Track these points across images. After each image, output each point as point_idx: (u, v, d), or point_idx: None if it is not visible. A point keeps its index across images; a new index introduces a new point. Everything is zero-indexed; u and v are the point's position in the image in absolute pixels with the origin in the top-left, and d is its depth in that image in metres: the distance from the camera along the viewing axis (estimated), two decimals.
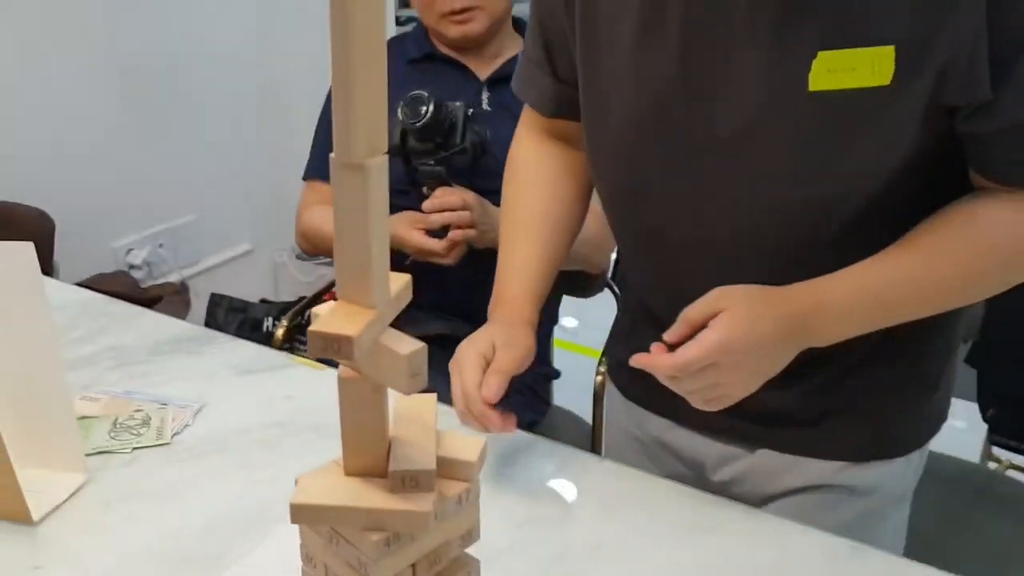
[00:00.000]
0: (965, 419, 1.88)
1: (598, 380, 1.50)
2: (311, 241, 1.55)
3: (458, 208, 1.30)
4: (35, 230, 1.76)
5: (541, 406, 1.53)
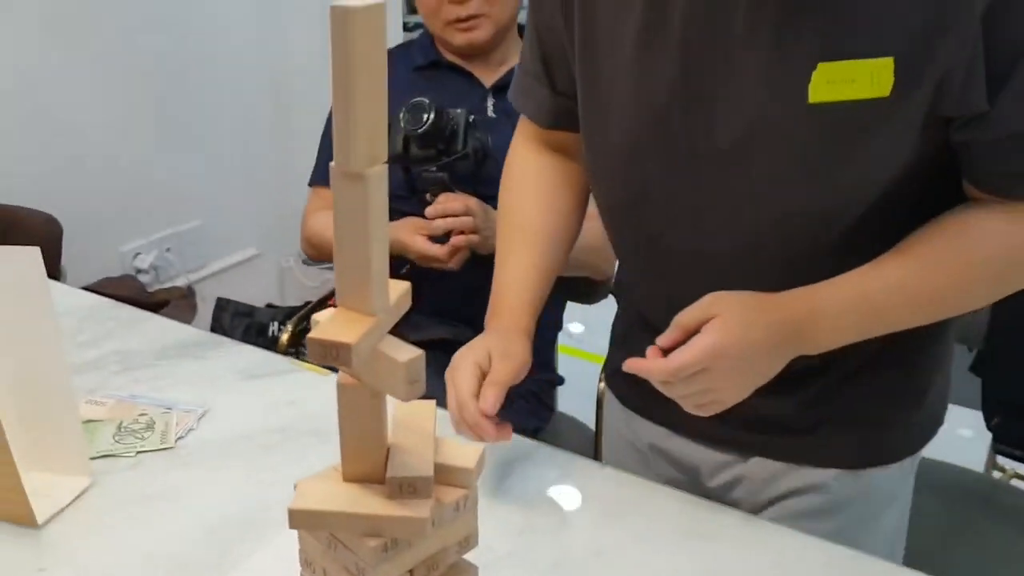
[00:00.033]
0: (971, 428, 1.88)
1: (600, 387, 1.50)
2: (316, 246, 1.56)
3: (461, 214, 1.31)
4: (43, 235, 1.76)
5: (545, 412, 1.53)
